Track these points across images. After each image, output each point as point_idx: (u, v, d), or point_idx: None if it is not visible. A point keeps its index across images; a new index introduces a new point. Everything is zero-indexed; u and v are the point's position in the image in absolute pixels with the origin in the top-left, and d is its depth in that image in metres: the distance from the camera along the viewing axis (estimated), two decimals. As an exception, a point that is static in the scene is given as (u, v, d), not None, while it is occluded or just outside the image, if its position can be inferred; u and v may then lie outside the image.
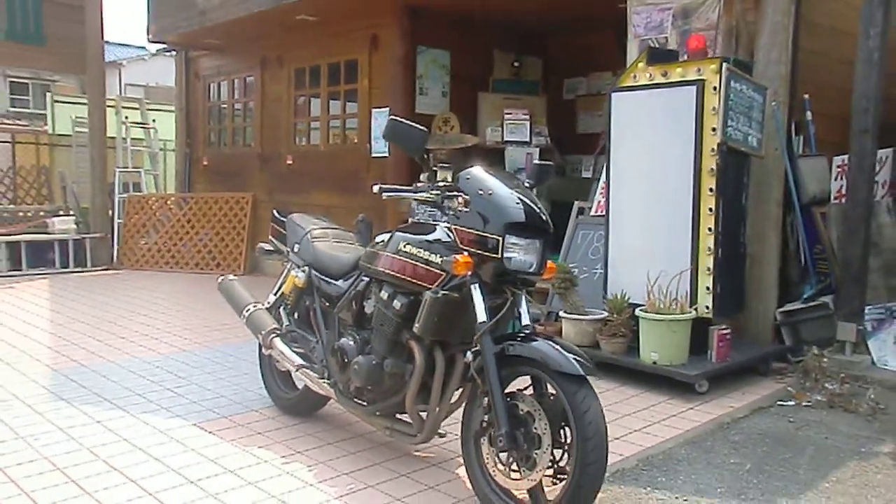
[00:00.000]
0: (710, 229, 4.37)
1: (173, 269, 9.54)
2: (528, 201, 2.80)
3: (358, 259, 3.40)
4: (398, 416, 3.23)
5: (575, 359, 2.58)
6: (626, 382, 4.47)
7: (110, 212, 10.07)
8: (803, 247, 5.03)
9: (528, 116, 7.54)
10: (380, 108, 7.64)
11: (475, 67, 8.03)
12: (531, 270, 2.80)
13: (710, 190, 4.35)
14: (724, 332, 4.42)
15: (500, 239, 2.71)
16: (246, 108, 9.92)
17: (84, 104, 10.32)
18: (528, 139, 7.52)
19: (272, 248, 4.02)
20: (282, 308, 3.84)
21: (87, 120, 9.87)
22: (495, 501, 2.76)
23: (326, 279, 3.56)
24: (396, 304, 3.00)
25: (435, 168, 2.99)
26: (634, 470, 3.26)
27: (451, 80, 7.89)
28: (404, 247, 3.02)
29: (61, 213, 10.15)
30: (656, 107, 4.58)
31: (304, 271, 3.67)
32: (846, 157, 4.68)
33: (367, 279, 3.28)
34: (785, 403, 4.19)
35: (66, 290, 7.89)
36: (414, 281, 2.95)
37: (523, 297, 2.89)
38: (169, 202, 10.29)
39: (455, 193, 2.85)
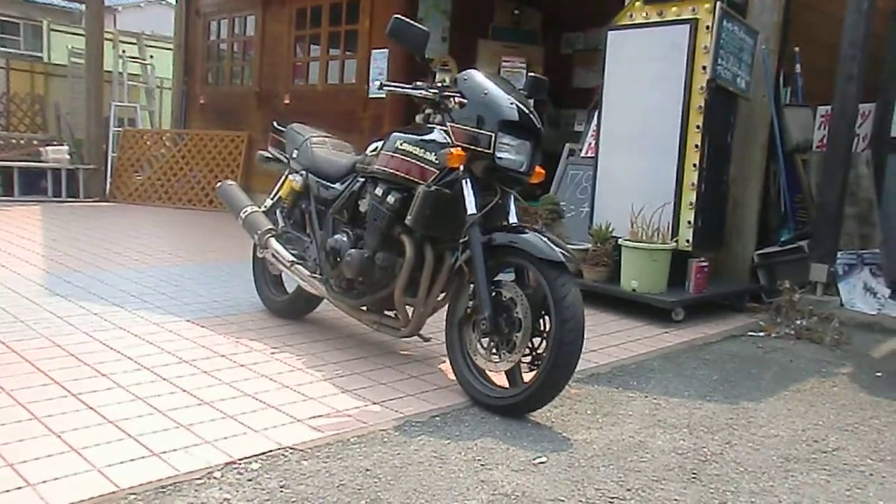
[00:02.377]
0: (694, 165, 4.52)
1: (165, 205, 9.59)
2: (521, 104, 2.93)
3: (354, 163, 3.53)
4: (385, 312, 3.39)
5: (559, 250, 2.73)
6: (605, 309, 4.63)
7: (104, 145, 10.10)
8: (784, 194, 5.18)
9: (525, 65, 7.65)
10: (379, 48, 7.70)
11: (475, 14, 8.10)
12: (521, 170, 2.94)
13: (697, 127, 4.49)
14: (703, 264, 4.59)
15: (493, 135, 2.85)
16: (245, 48, 9.93)
17: (81, 35, 10.28)
18: (523, 87, 7.61)
19: (271, 156, 4.13)
20: (278, 211, 3.96)
21: (84, 51, 9.85)
22: (475, 384, 2.90)
23: (323, 182, 3.68)
24: (390, 199, 3.13)
25: (435, 70, 3.11)
26: (608, 374, 3.43)
27: (451, 25, 7.97)
28: (401, 145, 3.15)
29: (55, 142, 10.15)
30: (650, 45, 4.69)
31: (301, 175, 3.78)
32: (830, 107, 4.81)
33: (362, 180, 3.41)
34: (755, 334, 4.38)
35: (60, 216, 7.95)
36: (409, 177, 3.08)
37: (512, 198, 3.02)
38: (164, 138, 10.32)
39: (452, 93, 2.98)
